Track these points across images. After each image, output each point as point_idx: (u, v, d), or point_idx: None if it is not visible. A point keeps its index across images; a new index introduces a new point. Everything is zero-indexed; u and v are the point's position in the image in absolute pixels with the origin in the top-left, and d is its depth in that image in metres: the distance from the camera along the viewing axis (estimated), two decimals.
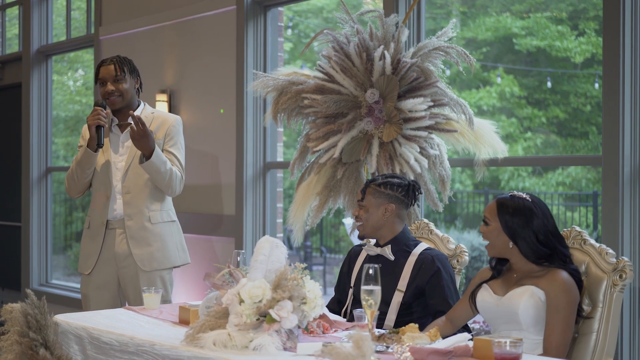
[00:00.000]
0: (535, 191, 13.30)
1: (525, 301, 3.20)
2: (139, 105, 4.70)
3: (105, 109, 4.50)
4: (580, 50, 13.24)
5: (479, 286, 3.42)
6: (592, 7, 13.18)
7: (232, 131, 6.08)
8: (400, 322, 3.62)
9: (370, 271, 2.84)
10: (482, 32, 13.44)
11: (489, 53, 13.78)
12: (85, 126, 4.67)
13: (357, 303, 3.80)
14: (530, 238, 3.25)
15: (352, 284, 3.91)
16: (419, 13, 5.09)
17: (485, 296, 3.36)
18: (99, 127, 4.44)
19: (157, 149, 4.47)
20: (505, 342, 2.60)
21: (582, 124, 13.57)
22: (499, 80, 13.54)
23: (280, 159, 6.10)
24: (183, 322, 3.42)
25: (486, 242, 3.39)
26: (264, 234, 6.00)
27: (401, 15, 5.00)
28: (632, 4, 4.17)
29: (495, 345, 2.60)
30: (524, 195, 3.32)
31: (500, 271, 3.41)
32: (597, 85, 13.29)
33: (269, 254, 3.02)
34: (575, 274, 3.24)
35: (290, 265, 2.98)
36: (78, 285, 8.03)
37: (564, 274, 3.21)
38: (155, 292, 3.79)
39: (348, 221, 11.77)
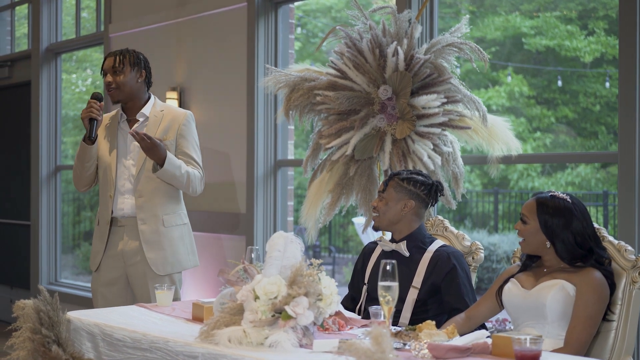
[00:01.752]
0: (544, 191, 13.22)
1: (554, 294, 3.17)
2: (148, 100, 4.59)
3: (100, 102, 4.42)
4: (589, 50, 13.19)
5: (506, 281, 3.39)
6: (601, 6, 13.13)
7: (242, 129, 6.05)
8: (415, 320, 3.58)
9: (388, 267, 2.80)
10: (491, 32, 13.41)
11: (498, 52, 13.74)
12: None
13: (371, 300, 3.77)
14: (568, 239, 3.23)
15: (366, 281, 3.87)
16: (432, 9, 5.05)
17: (513, 289, 3.33)
18: (92, 120, 4.38)
19: (169, 156, 4.35)
20: (526, 339, 2.56)
21: (592, 123, 13.52)
22: (509, 79, 13.49)
23: (291, 156, 6.07)
24: (196, 319, 3.39)
25: (520, 240, 3.38)
26: (274, 232, 5.95)
27: (414, 12, 4.96)
28: None
29: (515, 342, 2.56)
30: (564, 196, 3.30)
31: (528, 266, 3.38)
32: (607, 84, 13.23)
33: (284, 249, 2.98)
34: (609, 276, 3.21)
35: (305, 261, 2.95)
36: (87, 284, 8.02)
37: (597, 273, 3.19)
38: (168, 289, 3.75)
39: (358, 220, 11.74)
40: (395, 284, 2.80)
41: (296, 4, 6.14)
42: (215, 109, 6.30)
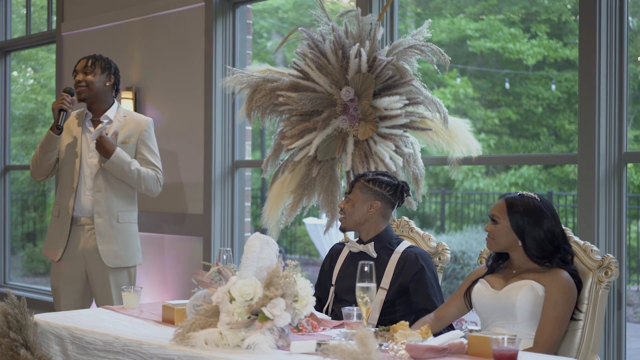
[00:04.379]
0: (488, 192, 13.43)
1: (524, 294, 3.22)
2: (112, 104, 4.86)
3: (72, 96, 4.70)
4: (532, 53, 13.40)
5: (474, 281, 3.43)
6: (543, 10, 13.34)
7: (200, 129, 6.01)
8: (383, 321, 3.61)
9: (366, 268, 2.82)
10: (437, 34, 13.53)
11: None
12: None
13: (339, 301, 3.79)
14: (539, 236, 3.28)
15: (333, 282, 3.88)
16: (392, 13, 5.08)
17: (482, 290, 3.37)
18: (61, 111, 4.63)
19: (118, 151, 4.65)
20: (503, 339, 2.60)
21: (534, 125, 13.73)
22: (458, 81, 13.64)
23: (248, 157, 6.05)
24: (167, 321, 3.37)
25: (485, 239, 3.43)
26: (232, 233, 5.95)
27: (375, 15, 4.99)
28: (607, 5, 4.22)
29: (493, 342, 2.60)
30: (533, 195, 3.35)
31: (495, 268, 3.42)
32: (554, 87, 13.45)
33: (260, 251, 2.98)
34: (576, 275, 3.27)
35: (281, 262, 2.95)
36: (35, 286, 7.90)
37: (565, 274, 3.25)
38: (135, 291, 3.73)
39: (309, 221, 11.73)
40: (373, 285, 2.82)
41: (255, 3, 6.12)
42: (171, 110, 6.25)
